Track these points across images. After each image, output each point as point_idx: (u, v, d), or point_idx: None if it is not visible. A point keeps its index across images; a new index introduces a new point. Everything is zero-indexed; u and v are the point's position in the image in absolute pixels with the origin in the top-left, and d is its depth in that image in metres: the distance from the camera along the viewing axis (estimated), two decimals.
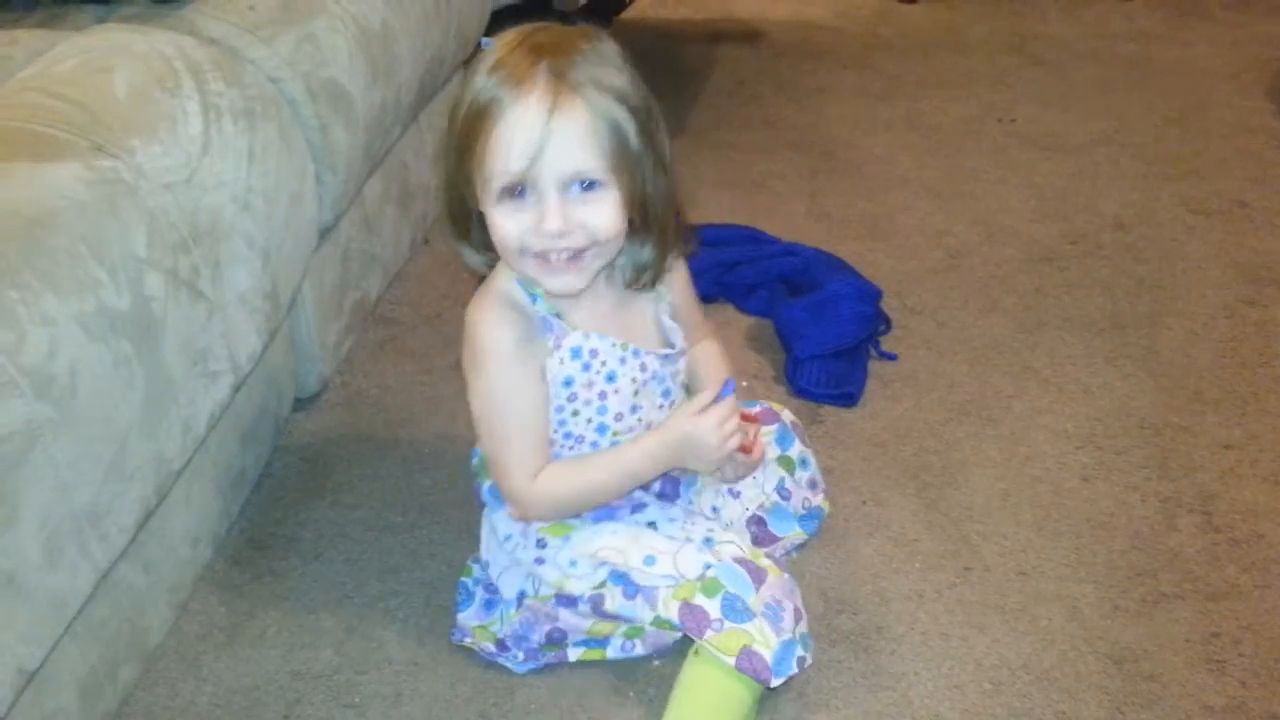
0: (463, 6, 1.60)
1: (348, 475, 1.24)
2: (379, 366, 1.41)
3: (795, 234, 1.65)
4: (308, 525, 1.18)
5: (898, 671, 1.02)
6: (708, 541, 0.94)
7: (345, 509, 1.20)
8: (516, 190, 0.83)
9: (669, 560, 0.92)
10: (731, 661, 0.88)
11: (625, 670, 1.03)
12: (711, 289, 1.53)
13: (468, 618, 1.02)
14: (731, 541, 0.94)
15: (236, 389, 1.06)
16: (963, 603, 1.09)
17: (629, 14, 2.40)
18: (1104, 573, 1.12)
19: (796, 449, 1.08)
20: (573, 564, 0.95)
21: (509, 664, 1.02)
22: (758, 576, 0.91)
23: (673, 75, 2.22)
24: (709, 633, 0.89)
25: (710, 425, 0.91)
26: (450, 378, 1.39)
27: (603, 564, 0.94)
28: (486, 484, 1.02)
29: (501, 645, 1.01)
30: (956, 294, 1.55)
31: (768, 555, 1.03)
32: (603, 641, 1.01)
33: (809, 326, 1.40)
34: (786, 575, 0.94)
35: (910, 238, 1.69)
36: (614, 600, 0.94)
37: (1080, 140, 1.98)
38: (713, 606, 0.89)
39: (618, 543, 0.94)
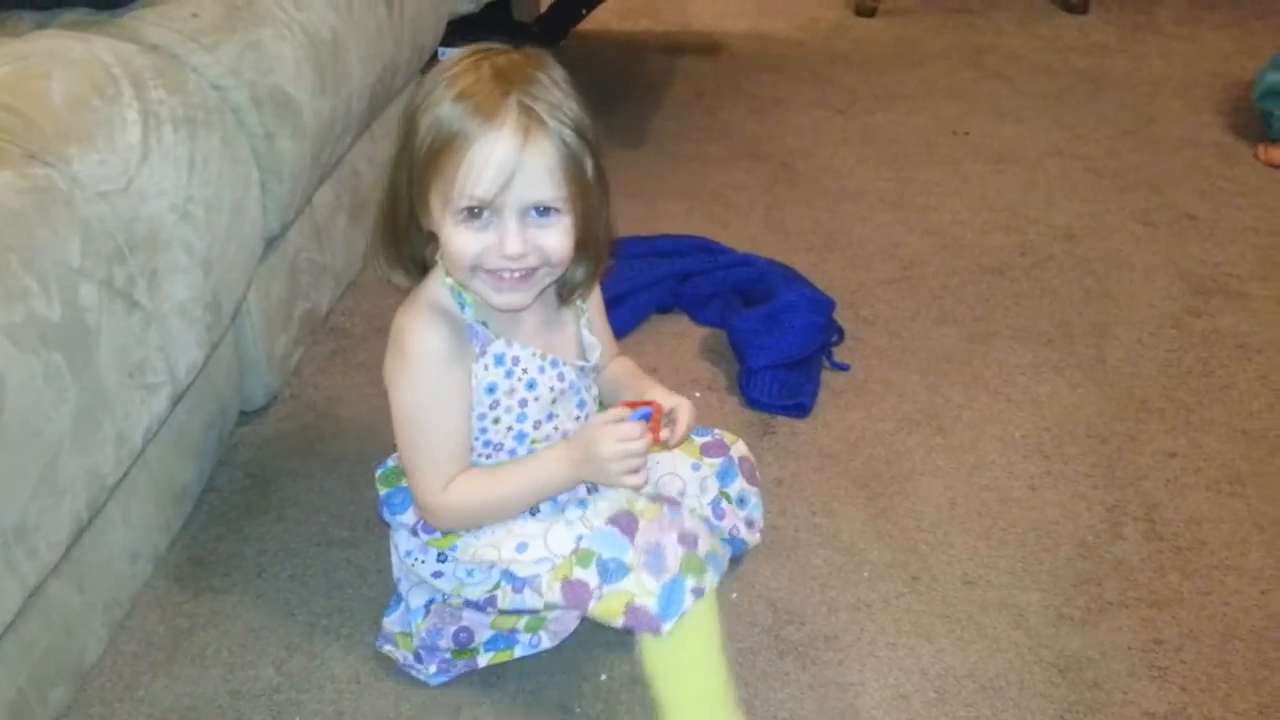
0: (417, 16, 1.59)
1: (294, 489, 1.23)
2: (329, 379, 1.40)
3: (752, 245, 1.65)
4: (252, 541, 1.16)
5: (845, 681, 1.02)
6: (581, 503, 0.94)
7: (291, 524, 1.18)
8: (477, 212, 0.85)
9: (540, 543, 0.92)
10: (619, 623, 0.88)
11: (571, 685, 1.02)
12: (666, 299, 1.53)
13: (392, 623, 1.02)
14: (604, 498, 0.93)
15: (175, 401, 1.05)
16: (910, 612, 1.09)
17: (590, 25, 2.40)
18: (1050, 581, 1.13)
19: (737, 487, 1.07)
20: (469, 573, 0.95)
21: (422, 676, 1.01)
22: (629, 528, 0.90)
23: (633, 86, 2.23)
24: (591, 603, 0.89)
25: (611, 439, 0.90)
26: None
27: (492, 566, 0.94)
28: (384, 498, 1.01)
29: (417, 655, 1.01)
30: (909, 305, 1.56)
31: None
32: (509, 640, 1.01)
33: (762, 337, 1.40)
34: (665, 508, 0.91)
35: (864, 249, 1.70)
36: (506, 598, 0.94)
37: (1033, 153, 2.00)
38: (590, 576, 0.89)
39: (494, 539, 0.94)
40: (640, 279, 1.51)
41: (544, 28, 2.10)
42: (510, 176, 0.83)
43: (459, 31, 1.84)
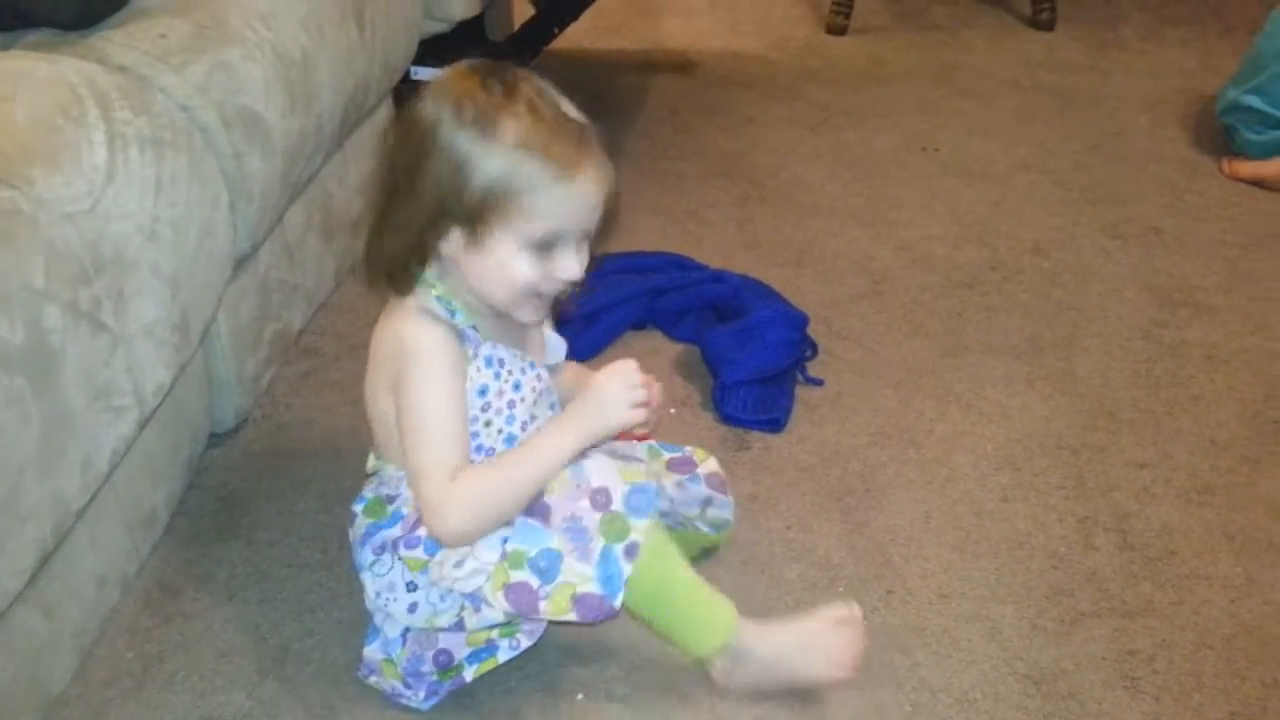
0: (388, 36, 1.59)
1: (266, 512, 1.21)
2: (301, 399, 1.39)
3: (725, 261, 1.66)
4: (222, 565, 1.15)
5: (818, 696, 1.02)
6: None
7: (262, 547, 1.17)
8: (550, 241, 0.90)
9: (469, 555, 0.92)
10: (573, 617, 0.90)
11: (549, 704, 1.02)
12: (640, 315, 1.53)
13: (373, 651, 1.01)
14: None
15: (143, 424, 1.03)
16: (885, 626, 1.09)
17: (564, 44, 2.41)
18: (1023, 593, 1.13)
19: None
20: (441, 598, 0.96)
21: (413, 703, 1.00)
22: (541, 510, 0.91)
23: (607, 104, 2.24)
24: (541, 605, 0.90)
25: (612, 375, 0.93)
26: None
27: (449, 591, 0.94)
28: (368, 530, 1.00)
29: (405, 683, 1.00)
30: (881, 319, 1.57)
31: None
32: (490, 649, 1.00)
33: (736, 352, 1.40)
34: (568, 473, 0.92)
35: (836, 264, 1.71)
36: (472, 617, 0.95)
37: (1002, 168, 2.03)
38: (529, 577, 0.90)
39: (440, 557, 0.94)
40: (614, 295, 1.52)
41: (517, 47, 2.11)
42: (589, 209, 0.90)
43: (432, 51, 1.84)
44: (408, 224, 0.91)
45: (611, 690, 1.03)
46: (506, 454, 0.96)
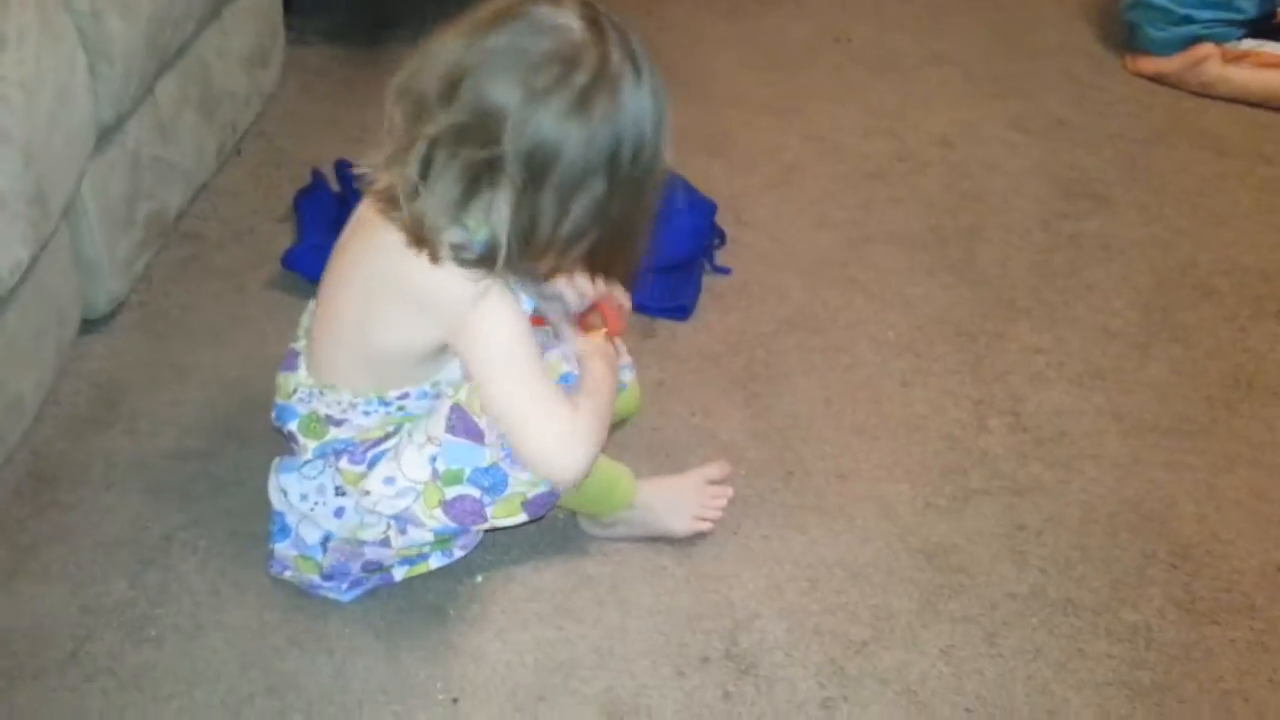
0: None
1: (145, 401, 1.15)
2: (182, 285, 1.31)
3: None
4: (99, 455, 1.09)
5: (720, 574, 1.03)
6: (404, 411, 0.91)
7: (142, 437, 1.11)
8: None
9: (395, 469, 0.88)
10: (523, 518, 0.90)
11: (447, 588, 1.00)
12: None
13: (285, 549, 0.96)
14: (445, 396, 0.89)
15: None
16: (784, 506, 1.10)
17: None
18: (918, 472, 1.16)
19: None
20: (369, 513, 0.92)
21: (334, 594, 0.97)
22: (473, 431, 0.87)
23: None
24: (488, 511, 0.89)
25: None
26: (262, 297, 1.30)
27: (373, 511, 0.91)
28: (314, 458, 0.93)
29: (326, 576, 0.96)
30: (789, 209, 1.56)
31: None
32: (422, 557, 0.98)
33: None
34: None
35: (746, 153, 1.68)
36: (397, 539, 0.93)
37: (913, 60, 2.00)
38: (469, 490, 0.87)
39: (370, 472, 0.90)
40: None
41: None
42: None
43: None
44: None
45: (510, 573, 1.02)
46: (584, 389, 0.90)
